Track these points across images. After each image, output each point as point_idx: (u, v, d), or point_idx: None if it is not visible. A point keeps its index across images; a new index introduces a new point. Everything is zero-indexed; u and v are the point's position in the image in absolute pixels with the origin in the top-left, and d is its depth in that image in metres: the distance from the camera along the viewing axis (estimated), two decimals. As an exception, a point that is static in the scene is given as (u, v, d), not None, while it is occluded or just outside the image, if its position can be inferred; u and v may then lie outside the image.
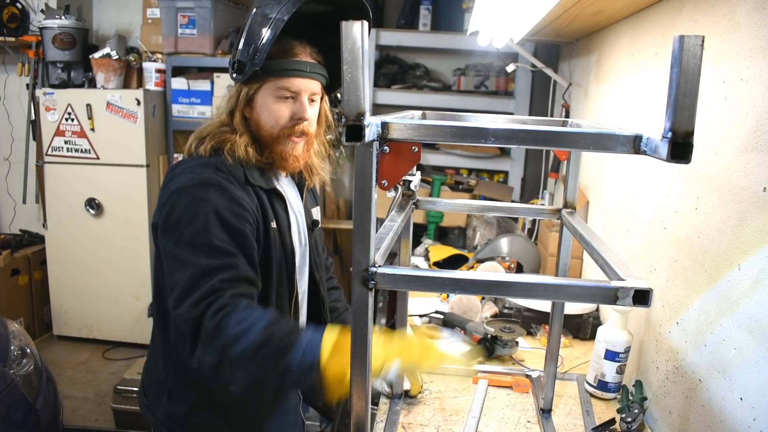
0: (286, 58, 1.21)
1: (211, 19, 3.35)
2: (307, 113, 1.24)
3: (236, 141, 1.21)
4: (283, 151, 1.25)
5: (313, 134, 1.29)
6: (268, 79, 1.21)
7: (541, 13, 1.69)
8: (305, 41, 1.25)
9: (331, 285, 1.60)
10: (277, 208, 1.26)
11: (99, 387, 3.14)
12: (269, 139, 1.24)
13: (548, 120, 1.47)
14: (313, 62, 1.23)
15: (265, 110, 1.23)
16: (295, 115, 1.23)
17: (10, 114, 3.84)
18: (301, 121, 1.23)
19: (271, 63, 1.19)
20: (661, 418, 1.28)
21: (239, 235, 1.12)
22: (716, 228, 1.07)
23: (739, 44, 1.03)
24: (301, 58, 1.22)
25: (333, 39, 1.27)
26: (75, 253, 3.50)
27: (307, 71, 1.22)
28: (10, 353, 1.98)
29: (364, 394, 0.78)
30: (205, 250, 1.08)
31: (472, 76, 3.43)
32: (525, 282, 0.73)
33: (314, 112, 1.27)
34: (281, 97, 1.22)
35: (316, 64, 1.24)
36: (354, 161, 0.70)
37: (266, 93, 1.22)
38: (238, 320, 1.00)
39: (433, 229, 2.99)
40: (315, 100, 1.27)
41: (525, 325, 1.77)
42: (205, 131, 1.26)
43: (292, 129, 1.23)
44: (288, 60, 1.21)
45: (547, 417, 1.32)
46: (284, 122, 1.23)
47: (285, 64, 1.20)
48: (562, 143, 0.71)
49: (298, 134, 1.24)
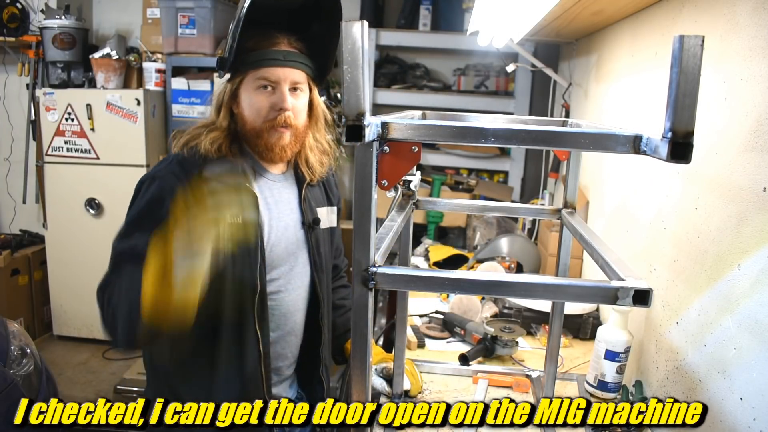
0: (262, 48, 1.21)
1: (211, 19, 3.35)
2: (287, 102, 1.22)
3: (203, 137, 1.23)
4: (268, 141, 1.25)
5: (300, 126, 1.28)
6: (248, 71, 1.22)
7: (541, 13, 1.69)
8: (287, 32, 1.25)
9: (340, 284, 1.59)
10: (245, 203, 1.23)
11: (99, 387, 3.14)
12: (254, 132, 1.24)
13: (548, 120, 1.47)
14: (291, 50, 1.23)
15: (247, 103, 1.24)
16: (275, 105, 1.22)
17: (10, 114, 3.84)
18: (282, 111, 1.22)
19: (250, 55, 1.21)
20: (661, 418, 1.27)
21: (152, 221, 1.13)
22: (716, 228, 1.07)
23: (739, 44, 1.03)
24: (275, 48, 1.22)
25: (317, 29, 1.28)
26: (75, 253, 3.50)
27: (284, 59, 1.21)
28: (10, 353, 1.98)
29: (364, 394, 0.78)
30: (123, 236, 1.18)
31: (472, 76, 3.43)
32: (525, 282, 0.73)
33: (299, 102, 1.26)
34: (260, 87, 1.22)
35: (294, 53, 1.23)
36: (354, 161, 0.70)
37: (247, 86, 1.23)
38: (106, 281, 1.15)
39: (433, 229, 2.99)
40: (299, 89, 1.26)
41: (525, 325, 1.77)
42: (189, 130, 1.28)
43: (274, 120, 1.23)
44: (265, 50, 1.21)
45: (547, 417, 1.32)
46: (265, 113, 1.23)
47: (261, 54, 1.21)
48: (562, 143, 0.71)
49: (282, 125, 1.23)
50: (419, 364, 1.51)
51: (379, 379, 1.39)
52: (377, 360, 1.43)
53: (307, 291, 1.38)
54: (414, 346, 1.69)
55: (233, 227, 1.21)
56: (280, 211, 1.31)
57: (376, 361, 1.42)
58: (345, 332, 1.53)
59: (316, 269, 1.37)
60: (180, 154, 1.23)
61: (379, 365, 1.42)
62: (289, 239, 1.32)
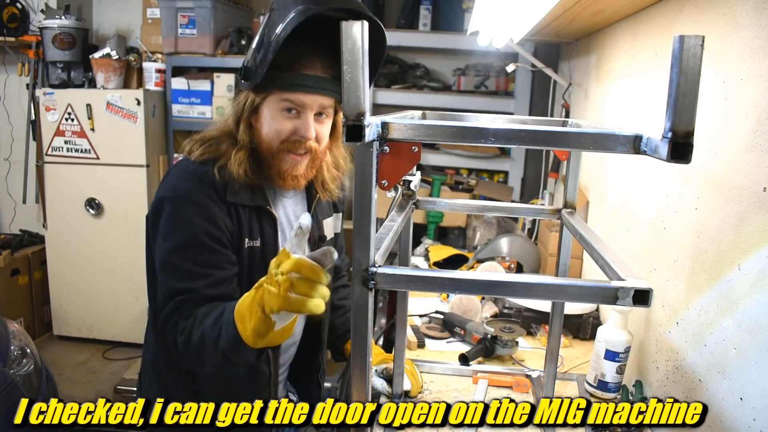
0: (293, 71, 1.15)
1: (211, 19, 3.35)
2: (311, 132, 1.18)
3: (231, 158, 1.18)
4: (282, 169, 1.21)
5: (320, 150, 1.24)
6: (273, 90, 1.16)
7: (541, 13, 1.69)
8: (320, 50, 1.18)
9: (341, 283, 1.60)
10: (264, 225, 1.24)
11: (99, 387, 3.14)
12: (269, 153, 1.20)
13: (548, 120, 1.47)
14: (323, 77, 1.17)
15: (268, 122, 1.19)
16: (298, 132, 1.18)
17: (10, 114, 3.84)
18: (304, 140, 1.19)
19: (278, 75, 1.14)
20: (661, 418, 1.27)
21: (209, 256, 1.15)
22: (716, 228, 1.07)
23: (739, 44, 1.03)
24: (308, 72, 1.15)
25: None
26: (75, 253, 3.50)
27: (314, 86, 1.16)
28: (10, 353, 1.98)
29: (364, 394, 0.78)
30: (175, 272, 1.15)
31: (472, 76, 3.43)
32: (525, 282, 0.73)
33: (323, 129, 1.22)
34: (285, 110, 1.17)
35: (326, 79, 1.17)
36: (354, 161, 0.70)
37: (271, 104, 1.18)
38: (181, 329, 1.11)
39: (433, 229, 2.99)
40: (325, 115, 1.21)
41: (525, 325, 1.77)
42: (207, 135, 1.24)
43: (292, 144, 1.19)
44: (294, 74, 1.15)
45: (547, 417, 1.32)
46: (285, 136, 1.18)
47: (291, 78, 1.15)
48: (562, 143, 0.71)
49: (301, 152, 1.20)
50: (419, 364, 1.51)
51: (379, 380, 1.39)
52: (377, 360, 1.43)
53: None
54: (414, 346, 1.69)
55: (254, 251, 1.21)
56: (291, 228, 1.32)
57: (376, 361, 1.42)
58: (345, 332, 1.53)
59: None
60: (208, 171, 1.18)
61: (379, 365, 1.42)
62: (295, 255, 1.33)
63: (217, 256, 1.15)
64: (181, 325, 1.11)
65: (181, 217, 1.16)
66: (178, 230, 1.16)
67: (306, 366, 1.44)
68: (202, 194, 1.16)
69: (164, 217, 1.17)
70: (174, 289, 1.14)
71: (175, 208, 1.16)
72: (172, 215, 1.17)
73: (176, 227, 1.16)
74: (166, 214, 1.17)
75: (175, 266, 1.15)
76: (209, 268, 1.14)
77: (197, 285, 1.13)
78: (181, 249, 1.15)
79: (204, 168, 1.19)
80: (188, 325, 1.10)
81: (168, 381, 1.29)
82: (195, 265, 1.14)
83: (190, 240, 1.14)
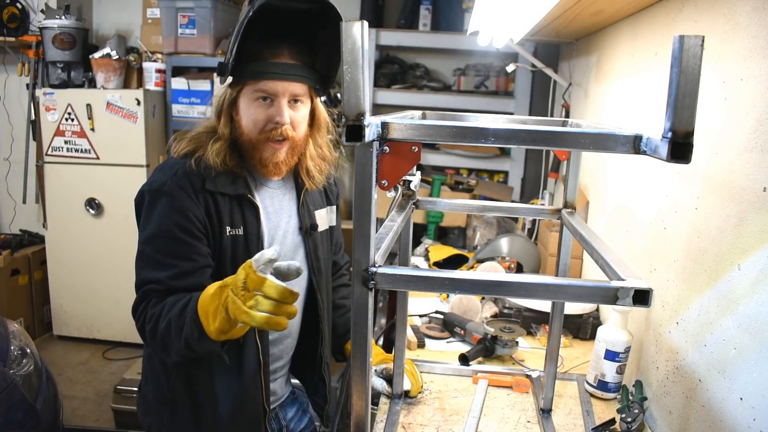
0: (262, 60, 1.19)
1: (211, 19, 3.35)
2: (285, 116, 1.21)
3: (209, 148, 1.21)
4: (263, 157, 1.24)
5: (299, 138, 1.26)
6: (247, 81, 1.20)
7: (541, 13, 1.69)
8: (290, 39, 1.22)
9: (341, 282, 1.59)
10: (246, 214, 1.25)
11: (99, 387, 3.14)
12: (249, 144, 1.23)
13: (548, 120, 1.47)
14: (292, 63, 1.20)
15: (245, 113, 1.22)
16: (272, 119, 1.21)
17: (10, 114, 3.84)
18: (279, 125, 1.21)
19: (248, 66, 1.19)
20: (661, 418, 1.28)
21: (177, 247, 1.18)
22: (716, 228, 1.07)
23: (739, 44, 1.03)
24: (276, 60, 1.19)
25: (322, 37, 1.27)
26: (75, 253, 3.50)
27: (283, 73, 1.19)
28: (10, 353, 1.98)
29: (364, 394, 0.78)
30: (145, 261, 1.21)
31: (472, 76, 3.43)
32: (525, 282, 0.73)
33: (299, 115, 1.24)
34: (258, 98, 1.20)
35: (295, 65, 1.20)
36: (354, 161, 0.70)
37: (246, 96, 1.22)
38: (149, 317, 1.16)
39: (433, 229, 2.99)
40: (300, 101, 1.24)
41: (525, 325, 1.77)
42: (191, 132, 1.27)
43: (270, 133, 1.21)
44: (264, 62, 1.19)
45: (547, 417, 1.32)
46: (262, 125, 1.21)
47: (260, 66, 1.19)
48: (562, 143, 0.71)
49: (278, 139, 1.22)
50: (419, 364, 1.51)
51: (379, 380, 1.40)
52: (377, 360, 1.43)
53: (304, 294, 1.39)
54: (414, 346, 1.69)
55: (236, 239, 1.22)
56: (279, 219, 1.33)
57: (376, 361, 1.42)
58: (345, 332, 1.53)
59: (314, 273, 1.38)
60: (186, 164, 1.21)
61: (379, 365, 1.42)
62: (287, 246, 1.34)
63: (185, 247, 1.18)
64: (150, 312, 1.16)
65: (154, 209, 1.20)
66: (150, 222, 1.20)
67: (307, 358, 1.44)
68: (175, 186, 1.19)
69: (143, 210, 1.23)
70: (143, 279, 1.20)
71: (150, 200, 1.21)
72: (148, 207, 1.22)
73: (150, 219, 1.21)
74: (144, 206, 1.23)
75: (146, 256, 1.20)
76: (176, 258, 1.18)
77: (163, 275, 1.17)
78: (152, 239, 1.20)
79: (182, 161, 1.23)
80: (156, 313, 1.14)
81: (162, 376, 1.30)
82: (163, 256, 1.18)
83: (160, 231, 1.18)
